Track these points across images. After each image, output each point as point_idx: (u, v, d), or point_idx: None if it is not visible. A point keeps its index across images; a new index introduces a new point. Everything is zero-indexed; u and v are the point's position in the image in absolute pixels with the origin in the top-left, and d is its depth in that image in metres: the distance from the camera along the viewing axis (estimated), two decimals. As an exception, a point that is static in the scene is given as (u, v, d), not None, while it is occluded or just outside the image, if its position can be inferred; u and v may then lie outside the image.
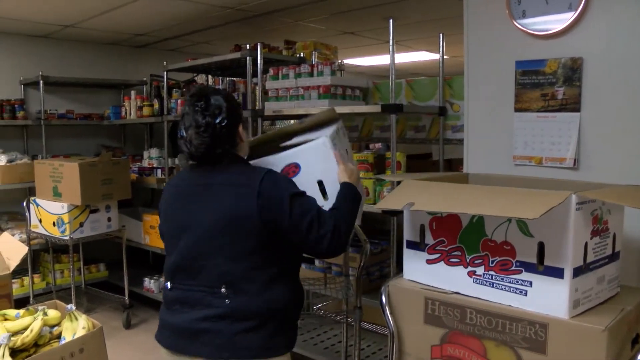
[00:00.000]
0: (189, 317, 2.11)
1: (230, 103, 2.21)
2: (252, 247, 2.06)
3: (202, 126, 2.14)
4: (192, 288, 2.13)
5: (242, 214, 2.05)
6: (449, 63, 3.99)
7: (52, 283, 5.66)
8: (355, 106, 3.82)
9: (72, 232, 4.78)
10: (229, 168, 2.17)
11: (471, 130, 2.92)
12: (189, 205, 2.17)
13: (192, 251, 2.13)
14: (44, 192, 5.00)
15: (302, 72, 4.00)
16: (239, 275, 2.06)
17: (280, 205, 2.05)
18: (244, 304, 2.05)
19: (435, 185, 2.11)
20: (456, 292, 2.00)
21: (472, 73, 2.90)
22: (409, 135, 4.06)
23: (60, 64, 6.26)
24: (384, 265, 3.95)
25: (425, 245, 2.10)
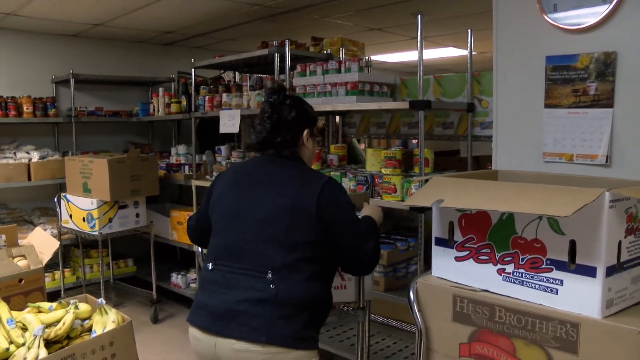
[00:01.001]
0: (227, 298, 2.14)
1: (304, 107, 2.39)
2: (305, 240, 2.14)
3: (268, 112, 2.32)
4: (234, 270, 2.18)
5: (302, 207, 2.15)
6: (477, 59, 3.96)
7: (82, 277, 5.74)
8: (383, 103, 3.81)
9: (102, 228, 4.84)
10: (292, 165, 2.30)
11: (500, 126, 2.89)
12: (249, 190, 2.27)
13: (246, 234, 2.19)
14: (74, 188, 5.07)
15: (330, 68, 3.99)
16: (287, 263, 2.12)
17: (337, 209, 2.18)
18: (288, 291, 2.10)
19: (464, 182, 2.09)
20: (485, 289, 1.98)
21: (501, 69, 2.87)
22: (437, 131, 4.04)
23: (90, 62, 6.34)
24: (411, 262, 3.93)
25: (454, 242, 2.09)
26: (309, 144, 2.38)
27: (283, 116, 2.31)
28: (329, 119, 4.99)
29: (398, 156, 3.72)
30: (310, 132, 2.38)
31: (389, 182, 3.57)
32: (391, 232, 4.13)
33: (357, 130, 4.81)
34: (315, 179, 2.22)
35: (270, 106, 2.34)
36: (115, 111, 6.40)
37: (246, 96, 4.78)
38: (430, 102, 3.41)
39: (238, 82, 5.43)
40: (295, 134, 2.33)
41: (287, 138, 2.30)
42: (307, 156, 2.40)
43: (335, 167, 4.29)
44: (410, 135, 4.36)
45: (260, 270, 2.13)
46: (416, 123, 4.10)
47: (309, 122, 2.38)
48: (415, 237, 3.83)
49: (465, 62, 3.76)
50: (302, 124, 2.35)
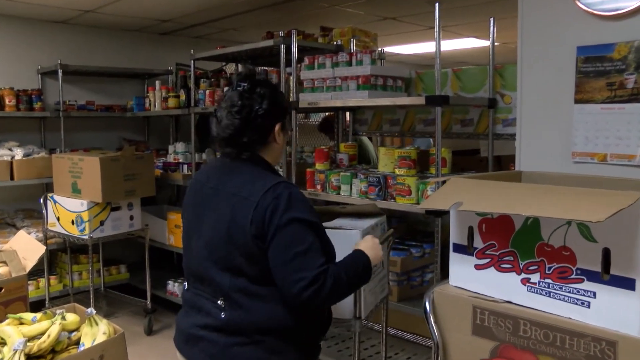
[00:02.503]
0: (192, 322, 2.19)
1: (277, 97, 2.22)
2: (247, 262, 2.05)
3: (237, 106, 2.15)
4: (200, 293, 2.20)
5: (238, 225, 2.05)
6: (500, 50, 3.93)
7: (70, 285, 5.74)
8: (397, 98, 3.81)
9: (92, 231, 4.83)
10: (242, 173, 2.16)
11: (524, 124, 2.86)
12: (199, 209, 2.22)
13: (198, 257, 2.19)
14: (62, 188, 5.07)
15: (340, 61, 3.99)
16: (236, 288, 2.07)
17: (270, 222, 2.00)
18: (238, 319, 2.07)
19: (485, 184, 2.08)
20: (508, 301, 1.96)
21: (527, 61, 2.84)
22: (455, 129, 4.04)
23: (80, 52, 6.34)
24: (426, 270, 3.92)
25: (474, 249, 2.07)
26: (280, 139, 2.24)
27: (253, 110, 2.14)
28: (338, 116, 4.98)
29: (413, 156, 3.72)
30: (282, 125, 2.24)
31: (403, 183, 3.57)
32: (405, 238, 4.12)
33: (368, 128, 4.80)
34: (256, 189, 2.06)
35: (240, 97, 2.17)
36: (108, 105, 6.41)
37: (249, 90, 4.76)
38: (448, 98, 3.40)
39: (241, 75, 5.41)
40: (265, 130, 2.18)
41: (255, 138, 2.16)
42: (274, 154, 2.26)
43: (345, 167, 4.28)
44: (426, 133, 4.36)
45: (214, 296, 2.12)
46: (433, 120, 4.09)
47: (282, 115, 2.25)
48: (431, 243, 3.82)
49: (487, 54, 3.74)
50: (275, 117, 2.20)
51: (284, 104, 2.28)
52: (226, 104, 2.19)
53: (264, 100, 2.16)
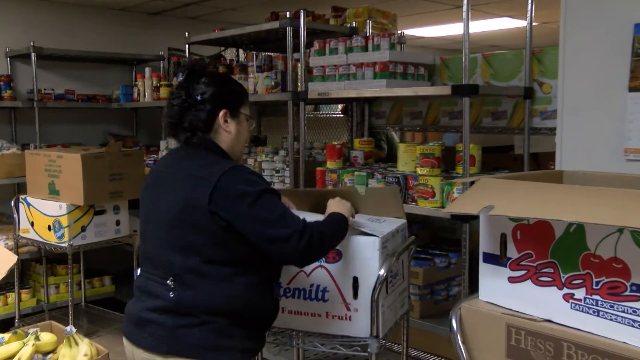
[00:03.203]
0: (142, 306, 2.43)
1: (223, 85, 2.55)
2: (206, 241, 2.32)
3: (174, 93, 2.50)
4: (151, 277, 2.43)
5: (195, 205, 2.31)
6: (539, 31, 3.91)
7: (45, 300, 5.74)
8: (419, 87, 3.80)
9: (72, 238, 4.83)
10: (200, 157, 2.45)
11: (567, 116, 2.85)
12: (156, 193, 2.50)
13: (153, 240, 2.46)
14: (37, 189, 5.07)
15: (354, 45, 3.99)
16: (187, 268, 2.32)
17: (238, 202, 2.29)
18: (187, 298, 2.31)
19: (520, 185, 2.07)
20: (548, 319, 1.94)
21: (571, 43, 2.82)
22: (486, 123, 4.03)
23: (56, 33, 6.34)
24: (452, 283, 3.91)
25: (508, 259, 2.06)
26: (230, 127, 2.52)
27: (192, 97, 2.47)
28: (352, 108, 4.97)
29: (437, 153, 3.71)
30: (230, 113, 2.51)
31: (426, 184, 3.56)
32: (428, 246, 4.11)
33: (386, 121, 4.79)
34: (213, 172, 2.33)
35: (179, 87, 2.51)
36: (91, 95, 6.42)
37: (252, 79, 4.77)
38: (477, 87, 3.40)
39: (242, 62, 5.42)
40: (206, 117, 2.47)
41: (195, 122, 2.46)
42: (228, 142, 2.53)
43: (360, 165, 4.28)
44: (452, 127, 4.35)
45: (165, 277, 2.36)
46: (460, 113, 4.06)
47: (228, 102, 2.52)
48: (457, 252, 3.82)
49: (523, 36, 3.73)
50: (217, 104, 2.48)
51: (230, 91, 2.57)
52: (177, 87, 2.54)
53: (203, 87, 2.48)
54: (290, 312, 2.82)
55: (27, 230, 5.15)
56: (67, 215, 4.81)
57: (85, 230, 4.90)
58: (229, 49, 5.97)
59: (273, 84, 4.54)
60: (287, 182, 4.41)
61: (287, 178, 4.43)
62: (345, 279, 2.69)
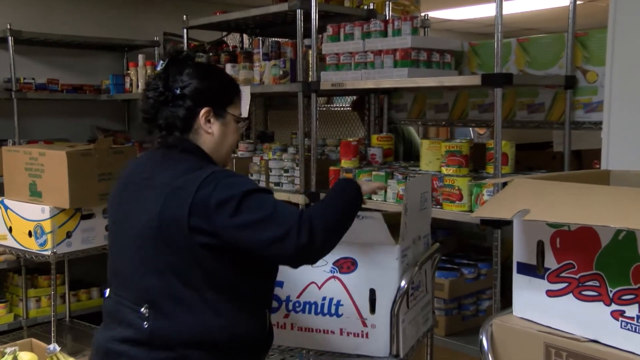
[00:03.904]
0: (111, 336, 2.33)
1: (205, 78, 2.44)
2: (181, 262, 2.23)
3: (151, 84, 2.42)
4: (122, 302, 2.34)
5: (169, 220, 2.22)
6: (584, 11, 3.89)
7: (24, 316, 5.74)
8: (445, 77, 3.80)
9: (56, 245, 4.83)
10: (176, 162, 2.36)
11: (615, 108, 2.83)
12: (126, 202, 2.43)
13: (124, 259, 2.38)
14: (16, 191, 5.07)
15: (372, 30, 4.00)
16: (164, 293, 2.24)
17: (222, 212, 2.19)
18: (164, 329, 2.23)
19: (559, 187, 2.06)
20: (594, 339, 1.92)
21: (622, 24, 2.81)
22: (520, 116, 4.02)
23: (37, 15, 6.35)
24: (482, 296, 3.92)
25: (546, 270, 2.05)
26: (213, 129, 2.43)
27: (171, 90, 2.38)
28: (369, 100, 4.96)
29: (465, 150, 3.71)
30: (214, 112, 2.43)
31: (452, 185, 3.56)
32: (455, 255, 4.10)
33: (408, 115, 4.79)
34: (191, 181, 2.24)
35: (157, 77, 2.42)
36: (77, 85, 6.45)
37: (258, 68, 4.79)
38: (511, 76, 3.38)
39: (247, 49, 5.45)
40: (186, 115, 2.39)
41: (172, 120, 2.38)
42: (210, 145, 2.44)
43: (378, 164, 4.28)
44: (481, 121, 4.34)
45: (137, 303, 2.26)
46: (491, 105, 4.05)
47: (212, 99, 2.44)
48: (488, 262, 3.82)
49: (565, 17, 3.71)
50: (199, 100, 2.40)
51: (216, 87, 2.48)
52: (154, 77, 2.44)
53: (185, 79, 2.39)
54: (300, 328, 2.80)
55: (5, 237, 5.16)
56: (50, 220, 4.81)
57: (70, 236, 4.90)
58: (232, 34, 5.99)
59: (281, 73, 4.54)
60: (297, 182, 4.41)
61: (296, 178, 4.43)
62: (361, 291, 2.67)
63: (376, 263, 2.64)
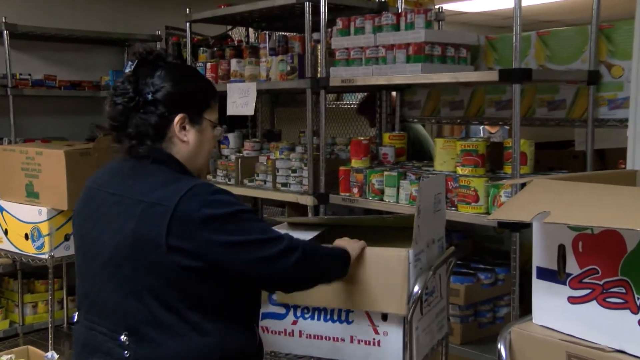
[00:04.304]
0: None
1: (180, 82, 2.35)
2: (161, 283, 2.16)
3: (119, 88, 2.31)
4: (95, 327, 2.27)
5: (145, 239, 2.14)
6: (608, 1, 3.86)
7: (20, 322, 5.77)
8: (460, 73, 3.79)
9: (54, 249, 4.84)
10: (149, 175, 2.28)
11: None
12: (92, 222, 2.33)
13: (96, 282, 2.28)
14: (12, 191, 5.08)
15: (384, 24, 3.99)
16: (143, 318, 2.16)
17: (206, 230, 2.14)
18: (148, 357, 2.15)
19: (582, 187, 2.06)
20: (619, 350, 1.91)
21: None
22: (540, 113, 4.01)
23: (34, 8, 6.37)
24: (500, 303, 3.91)
25: (568, 275, 2.04)
26: (189, 137, 2.34)
27: (141, 95, 2.28)
28: (381, 97, 4.95)
29: (481, 149, 3.69)
30: (190, 119, 2.34)
31: (468, 186, 3.55)
32: (471, 259, 4.09)
33: (421, 113, 4.78)
34: (171, 194, 2.16)
35: (125, 80, 2.32)
36: (76, 81, 6.46)
37: (264, 63, 4.78)
38: (530, 71, 3.37)
39: (253, 44, 5.44)
40: (157, 122, 2.29)
41: (142, 128, 2.28)
42: (185, 154, 2.36)
43: (390, 164, 4.27)
44: (499, 119, 4.33)
45: (115, 330, 2.19)
46: (509, 102, 4.03)
47: (187, 104, 2.34)
48: (506, 267, 3.79)
49: (588, 8, 3.70)
50: (172, 106, 2.30)
51: (191, 91, 2.39)
52: (124, 81, 2.33)
53: (157, 83, 2.29)
54: (308, 336, 2.79)
55: (0, 240, 5.17)
56: (47, 222, 4.82)
57: (69, 239, 4.90)
58: (238, 28, 5.99)
59: (289, 69, 4.53)
60: (305, 183, 4.40)
61: (305, 179, 4.41)
62: None
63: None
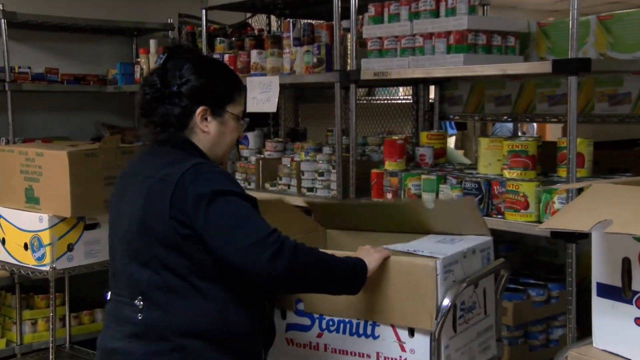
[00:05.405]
0: (113, 334, 2.62)
1: (207, 79, 2.73)
2: (168, 253, 2.52)
3: (148, 80, 2.74)
4: (119, 300, 2.65)
5: (151, 212, 2.55)
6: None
7: (17, 341, 5.77)
8: (508, 64, 3.77)
9: (56, 260, 4.86)
10: (163, 156, 2.67)
11: None
12: (119, 200, 2.76)
13: (119, 254, 2.68)
14: (10, 197, 5.10)
15: (422, 9, 3.97)
16: (154, 284, 2.54)
17: (196, 207, 2.47)
18: (158, 320, 2.52)
19: None
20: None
21: None
22: (600, 109, 4.00)
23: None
24: (554, 323, 3.92)
25: (634, 293, 2.03)
26: (210, 128, 2.72)
27: (168, 87, 2.68)
28: (418, 91, 4.94)
29: (531, 150, 3.67)
30: (210, 110, 2.71)
31: (517, 191, 3.54)
32: (520, 274, 4.08)
33: (463, 109, 4.80)
34: (173, 172, 2.53)
35: (155, 72, 2.75)
36: (80, 75, 6.49)
37: (288, 55, 4.80)
38: (589, 61, 3.34)
39: (275, 33, 5.46)
40: (181, 113, 2.68)
41: (167, 117, 2.69)
42: (206, 144, 2.74)
43: (428, 166, 4.28)
44: (552, 115, 4.32)
45: (132, 297, 2.57)
46: (564, 96, 4.01)
47: (210, 98, 2.72)
48: (561, 282, 3.81)
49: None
50: (195, 98, 2.69)
51: (215, 85, 2.76)
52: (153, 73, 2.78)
53: (184, 76, 2.69)
54: (333, 350, 2.86)
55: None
56: (49, 230, 4.84)
57: (72, 249, 4.93)
58: (258, 15, 5.99)
59: (315, 61, 4.54)
60: (333, 187, 4.39)
61: (333, 183, 4.41)
62: None
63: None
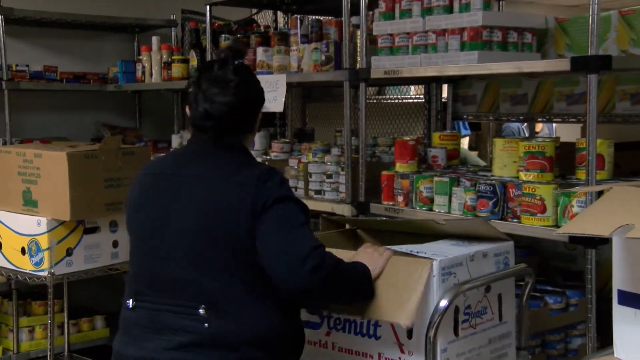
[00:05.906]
0: (154, 346, 2.60)
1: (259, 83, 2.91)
2: (239, 258, 2.58)
3: (233, 81, 2.75)
4: (160, 308, 2.64)
5: (224, 215, 2.60)
6: None
7: (14, 350, 5.78)
8: (525, 62, 3.78)
9: (54, 265, 4.87)
10: (226, 157, 2.77)
11: None
12: (167, 200, 2.74)
13: (166, 259, 2.66)
14: (7, 200, 5.11)
15: (435, 5, 3.97)
16: (221, 292, 2.58)
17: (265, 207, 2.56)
18: (229, 328, 2.56)
19: None
20: None
21: None
22: (621, 109, 4.01)
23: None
24: (573, 332, 3.91)
25: None
26: (256, 130, 2.96)
27: (251, 89, 2.85)
28: (430, 90, 4.95)
29: (549, 151, 3.67)
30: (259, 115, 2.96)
31: (533, 194, 3.53)
32: (537, 280, 4.04)
33: (478, 108, 4.80)
34: (248, 174, 2.65)
35: (235, 72, 2.80)
36: (79, 73, 6.51)
37: (296, 52, 4.81)
38: (610, 58, 3.35)
39: (282, 30, 5.45)
40: (254, 116, 2.89)
41: (242, 125, 2.84)
42: (248, 143, 2.93)
43: (441, 168, 4.28)
44: (570, 115, 4.31)
45: (191, 306, 2.58)
46: (583, 95, 4.01)
47: (262, 102, 2.95)
48: (580, 289, 3.79)
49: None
50: (260, 104, 2.92)
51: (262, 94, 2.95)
52: (215, 80, 2.78)
53: (252, 84, 2.86)
54: (340, 349, 2.93)
55: (-6, 255, 5.21)
56: (47, 234, 4.85)
57: (71, 254, 4.93)
58: (264, 11, 6.00)
59: (323, 58, 4.55)
60: (342, 190, 4.39)
61: (342, 185, 4.42)
62: None
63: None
